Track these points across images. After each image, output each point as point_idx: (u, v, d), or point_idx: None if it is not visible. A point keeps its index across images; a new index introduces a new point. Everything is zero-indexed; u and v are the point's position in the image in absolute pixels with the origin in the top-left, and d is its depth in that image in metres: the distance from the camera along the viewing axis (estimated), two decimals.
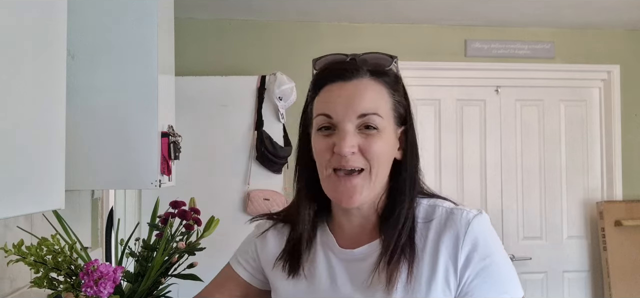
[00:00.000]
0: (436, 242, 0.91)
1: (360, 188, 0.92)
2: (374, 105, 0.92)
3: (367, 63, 0.95)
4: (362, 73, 0.94)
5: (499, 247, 0.93)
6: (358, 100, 0.91)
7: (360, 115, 0.91)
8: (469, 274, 0.89)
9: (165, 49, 1.62)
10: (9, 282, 1.34)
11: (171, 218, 1.34)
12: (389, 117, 0.94)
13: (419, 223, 0.94)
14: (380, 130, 0.92)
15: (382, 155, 0.92)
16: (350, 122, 0.91)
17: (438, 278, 0.89)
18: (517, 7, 3.22)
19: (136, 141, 1.48)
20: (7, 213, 0.73)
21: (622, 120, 3.64)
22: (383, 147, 0.92)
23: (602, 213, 3.51)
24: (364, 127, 0.91)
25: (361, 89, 0.92)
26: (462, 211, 0.93)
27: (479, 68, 3.57)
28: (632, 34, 3.65)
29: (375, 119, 0.91)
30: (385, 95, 0.94)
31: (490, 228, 0.94)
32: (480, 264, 0.89)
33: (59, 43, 0.88)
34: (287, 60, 3.35)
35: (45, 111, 0.83)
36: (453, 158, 3.61)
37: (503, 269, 0.91)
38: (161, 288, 1.33)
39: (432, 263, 0.90)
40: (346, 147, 0.90)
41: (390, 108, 0.94)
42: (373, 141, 0.91)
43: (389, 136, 0.94)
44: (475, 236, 0.90)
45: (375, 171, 0.92)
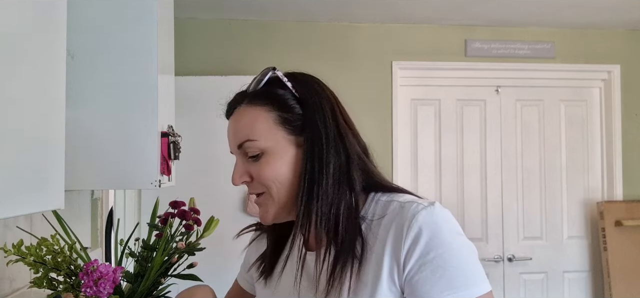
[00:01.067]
0: (383, 238, 0.87)
1: (266, 207, 0.94)
2: (247, 132, 0.91)
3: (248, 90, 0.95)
4: (241, 102, 0.94)
5: (450, 241, 0.84)
6: (234, 133, 0.94)
7: (238, 146, 0.93)
8: (411, 268, 0.83)
9: (165, 49, 1.62)
10: (8, 282, 1.34)
11: (171, 219, 1.34)
12: (273, 134, 0.91)
13: (374, 221, 0.90)
14: (263, 152, 0.91)
15: (271, 176, 0.91)
16: (237, 154, 0.94)
17: (383, 276, 0.85)
18: (517, 7, 3.22)
19: (136, 141, 1.48)
20: (7, 213, 0.73)
21: (623, 120, 3.64)
22: (271, 168, 0.91)
23: (603, 213, 3.51)
24: (248, 156, 0.92)
25: (236, 119, 0.94)
26: (413, 203, 0.87)
27: (479, 68, 3.57)
28: (632, 34, 3.65)
29: (249, 145, 0.91)
30: (262, 114, 0.91)
31: (442, 220, 0.85)
32: (423, 259, 0.82)
33: (59, 43, 0.88)
34: (287, 60, 3.35)
35: (45, 111, 0.83)
36: (453, 159, 3.61)
37: (453, 265, 0.82)
38: (161, 289, 1.32)
39: (377, 260, 0.86)
40: (235, 180, 0.93)
41: (274, 123, 0.91)
42: (258, 167, 0.91)
43: (280, 152, 0.91)
44: (420, 228, 0.83)
45: (275, 191, 0.92)
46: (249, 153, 0.92)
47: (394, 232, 0.86)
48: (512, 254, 3.58)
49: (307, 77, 0.97)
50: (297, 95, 0.93)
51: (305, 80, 0.96)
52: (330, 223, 0.89)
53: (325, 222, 0.89)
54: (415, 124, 3.60)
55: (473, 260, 0.85)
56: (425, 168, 3.59)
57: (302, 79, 0.96)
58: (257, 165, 0.92)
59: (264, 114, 0.92)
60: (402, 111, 3.54)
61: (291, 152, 0.91)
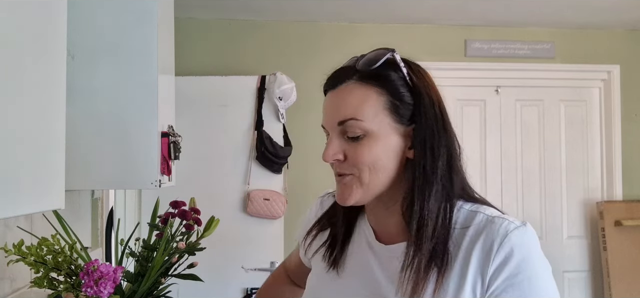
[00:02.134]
0: (469, 250, 0.84)
1: (350, 189, 0.89)
2: (353, 111, 0.87)
3: (360, 65, 0.90)
4: (350, 77, 0.90)
5: (539, 267, 0.84)
6: (337, 108, 0.89)
7: (339, 122, 0.89)
8: (497, 287, 0.81)
9: (165, 49, 1.62)
10: (9, 282, 1.34)
11: (171, 218, 1.35)
12: (380, 119, 0.87)
13: (456, 230, 0.87)
14: (367, 135, 0.87)
15: (368, 161, 0.87)
16: (333, 130, 0.90)
17: (466, 288, 0.83)
18: (517, 7, 3.22)
19: (136, 141, 1.48)
20: (7, 213, 0.73)
21: (622, 120, 3.64)
22: (369, 152, 0.87)
23: (602, 213, 3.51)
24: (347, 134, 0.88)
25: (342, 95, 0.89)
26: (503, 220, 0.85)
27: (479, 68, 3.57)
28: (632, 34, 3.65)
29: (352, 124, 0.87)
30: (373, 96, 0.87)
31: (533, 243, 0.84)
32: (511, 280, 0.81)
33: (59, 43, 0.88)
34: (287, 60, 3.35)
35: (45, 111, 0.83)
36: None
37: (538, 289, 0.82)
38: (161, 288, 1.33)
39: (461, 272, 0.84)
40: (327, 156, 0.89)
41: (382, 108, 0.87)
42: (356, 148, 0.88)
43: (384, 138, 0.87)
44: (511, 248, 0.82)
45: (366, 177, 0.88)
46: (350, 133, 0.88)
47: (482, 246, 0.83)
48: None
49: (421, 68, 0.94)
50: (411, 84, 0.89)
51: (419, 71, 0.92)
52: (434, 224, 0.86)
53: (432, 222, 0.86)
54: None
55: (554, 287, 0.85)
56: None
57: (417, 68, 0.93)
58: (355, 145, 0.88)
59: (375, 96, 0.88)
60: None
61: (394, 140, 0.88)
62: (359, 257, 0.96)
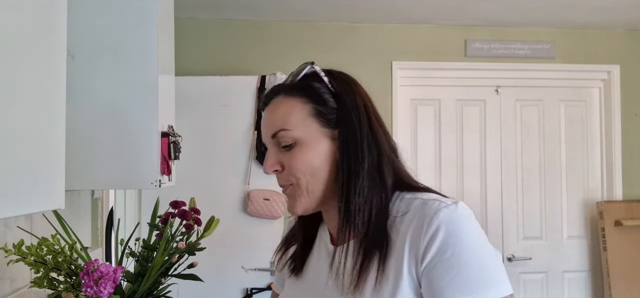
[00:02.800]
0: (405, 233, 0.88)
1: (294, 198, 0.95)
2: (281, 122, 0.94)
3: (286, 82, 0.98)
4: (277, 93, 0.97)
5: (469, 241, 0.84)
6: (268, 123, 0.96)
7: (272, 135, 0.95)
8: (427, 263, 0.84)
9: (165, 49, 1.62)
10: (9, 282, 1.34)
11: (171, 218, 1.35)
12: (307, 125, 0.93)
13: (398, 218, 0.91)
14: (296, 142, 0.93)
15: (302, 167, 0.93)
16: (269, 144, 0.96)
17: (404, 271, 0.86)
18: (517, 7, 3.22)
19: (136, 141, 1.48)
20: (7, 213, 0.73)
21: (622, 120, 3.64)
22: (302, 159, 0.93)
23: (602, 213, 3.51)
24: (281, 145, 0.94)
25: (272, 110, 0.96)
26: (435, 201, 0.88)
27: (479, 68, 3.57)
28: (632, 34, 3.65)
29: (282, 135, 0.93)
30: (298, 105, 0.94)
31: (462, 220, 0.85)
32: (440, 256, 0.83)
33: (59, 43, 0.88)
34: (287, 60, 3.35)
35: (45, 111, 0.83)
36: (453, 159, 3.62)
37: (470, 265, 0.82)
38: (161, 288, 1.33)
39: (398, 256, 0.87)
40: (266, 168, 0.96)
41: (308, 115, 0.94)
42: (290, 157, 0.93)
43: (314, 143, 0.93)
44: (438, 225, 0.84)
45: (304, 182, 0.93)
46: (282, 143, 0.94)
47: (414, 228, 0.87)
48: (512, 254, 3.58)
49: (343, 75, 1.00)
50: (333, 90, 0.96)
51: (341, 77, 0.99)
52: (364, 218, 0.91)
53: (361, 216, 0.91)
54: (415, 123, 3.60)
55: (492, 261, 0.85)
56: (425, 168, 3.59)
57: (338, 75, 0.99)
58: (289, 154, 0.94)
59: (299, 105, 0.94)
60: (402, 111, 3.54)
61: (324, 144, 0.94)
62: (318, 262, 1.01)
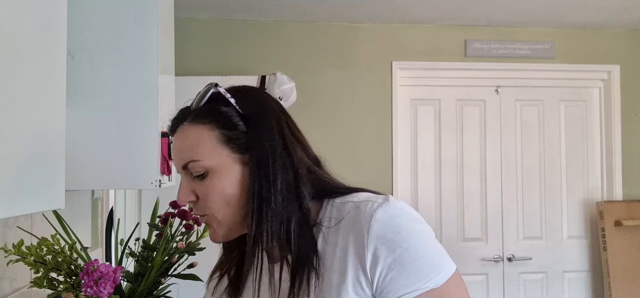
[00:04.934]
0: (345, 242, 0.85)
1: (213, 228, 0.92)
2: (190, 153, 0.89)
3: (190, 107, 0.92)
4: (184, 119, 0.91)
5: (411, 232, 0.84)
6: (178, 152, 0.91)
7: (183, 166, 0.90)
8: (381, 271, 0.82)
9: (165, 49, 1.62)
10: (9, 282, 1.34)
11: (171, 218, 1.35)
12: (217, 153, 0.88)
13: (331, 227, 0.88)
14: (208, 171, 0.88)
15: (216, 197, 0.88)
16: (181, 174, 0.91)
17: (348, 282, 0.83)
18: (517, 7, 3.22)
19: (136, 141, 1.48)
20: (7, 213, 0.73)
21: (622, 120, 3.64)
22: (214, 188, 0.88)
23: (602, 213, 3.51)
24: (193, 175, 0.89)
25: (180, 139, 0.91)
26: (368, 203, 0.86)
27: (479, 68, 3.57)
28: (632, 34, 3.65)
29: (193, 166, 0.88)
30: (205, 132, 0.88)
31: (398, 213, 0.85)
32: (391, 257, 0.82)
33: (59, 43, 0.88)
34: (287, 60, 3.35)
35: (45, 111, 0.83)
36: (453, 158, 3.62)
37: (420, 255, 0.82)
38: (161, 288, 1.33)
39: (341, 267, 0.84)
40: (180, 200, 0.91)
41: (218, 142, 0.88)
42: (204, 187, 0.89)
43: (225, 171, 0.88)
44: (380, 229, 0.82)
45: (219, 213, 0.89)
46: (194, 173, 0.89)
47: (354, 237, 0.84)
48: (512, 254, 3.58)
49: (253, 93, 0.95)
50: (242, 112, 0.90)
51: (250, 96, 0.93)
52: (282, 240, 0.87)
53: (277, 239, 0.87)
54: (415, 124, 3.60)
55: (435, 245, 0.86)
56: (425, 168, 3.59)
57: (247, 94, 0.93)
58: (202, 184, 0.89)
59: (207, 132, 0.89)
60: (402, 111, 3.54)
61: (237, 170, 0.89)
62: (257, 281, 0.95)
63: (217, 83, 0.92)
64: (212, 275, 1.04)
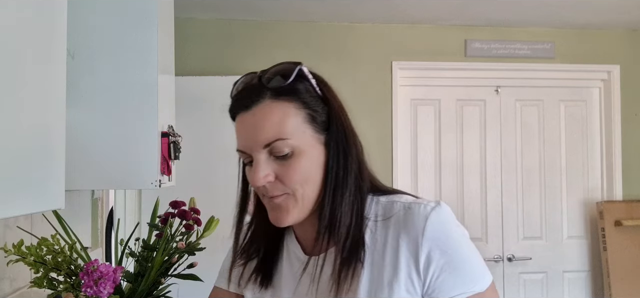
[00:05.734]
0: (396, 240, 0.87)
1: (286, 208, 0.89)
2: (277, 131, 0.85)
3: (269, 82, 0.88)
4: (263, 95, 0.87)
5: (461, 238, 0.88)
6: (259, 131, 0.86)
7: (265, 145, 0.86)
8: (433, 271, 0.85)
9: (165, 49, 1.62)
10: (9, 282, 1.34)
11: (171, 218, 1.35)
12: (302, 132, 0.87)
13: (378, 222, 0.90)
14: (295, 151, 0.86)
15: (301, 178, 0.87)
16: (260, 153, 0.87)
17: (400, 279, 0.85)
18: (517, 7, 3.22)
19: (136, 141, 1.48)
20: (7, 213, 0.73)
21: (622, 120, 3.64)
22: (300, 169, 0.86)
23: (602, 213, 3.51)
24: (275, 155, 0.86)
25: (261, 116, 0.86)
26: (420, 205, 0.88)
27: (479, 68, 3.57)
28: (632, 34, 3.65)
29: (279, 145, 0.85)
30: (292, 111, 0.87)
31: (449, 218, 0.88)
32: (443, 259, 0.85)
33: (59, 43, 0.88)
34: (287, 60, 3.34)
35: (45, 111, 0.83)
36: (453, 158, 3.62)
37: (468, 260, 0.87)
38: (161, 288, 1.33)
39: (393, 263, 0.86)
40: (258, 180, 0.86)
41: (303, 121, 0.87)
42: (287, 167, 0.86)
43: (309, 151, 0.87)
44: (435, 231, 0.86)
45: (300, 193, 0.87)
46: (277, 153, 0.86)
47: (407, 236, 0.87)
48: (512, 254, 3.58)
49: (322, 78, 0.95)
50: (319, 93, 0.90)
51: (321, 79, 0.93)
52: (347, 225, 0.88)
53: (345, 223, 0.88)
54: (415, 124, 3.60)
55: (477, 253, 0.90)
56: (425, 168, 3.59)
57: (320, 78, 0.93)
58: (284, 164, 0.86)
59: (294, 110, 0.87)
60: (402, 111, 3.54)
61: (318, 151, 0.88)
62: (289, 273, 0.96)
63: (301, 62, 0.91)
64: (233, 263, 1.01)
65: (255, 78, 0.91)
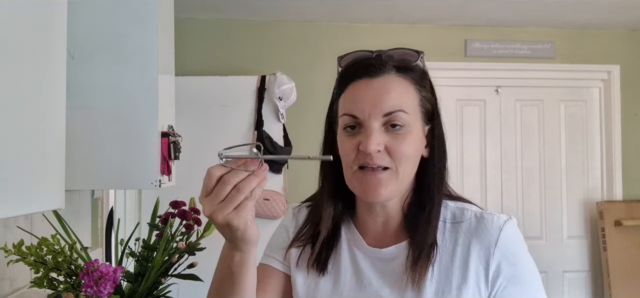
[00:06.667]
0: (467, 246, 0.90)
1: (385, 183, 0.89)
2: (400, 102, 0.89)
3: (393, 59, 0.92)
4: (389, 69, 0.91)
5: (528, 254, 0.92)
6: (384, 98, 0.89)
7: (387, 113, 0.88)
8: (501, 281, 0.88)
9: (165, 49, 1.62)
10: (9, 282, 1.34)
11: (171, 218, 1.35)
12: (415, 114, 0.91)
13: (447, 225, 0.93)
14: (407, 127, 0.89)
15: (409, 154, 0.90)
16: (376, 120, 0.88)
17: (469, 284, 0.88)
18: (517, 7, 3.22)
19: (136, 141, 1.48)
20: (7, 213, 0.73)
21: (622, 120, 3.64)
22: (410, 145, 0.89)
23: (602, 213, 3.51)
24: (390, 126, 0.88)
25: (387, 86, 0.90)
26: (493, 216, 0.92)
27: (479, 68, 3.57)
28: (632, 34, 3.65)
29: (401, 116, 0.88)
30: (412, 91, 0.91)
31: (520, 234, 0.93)
32: (511, 270, 0.89)
33: (59, 43, 0.88)
34: (287, 60, 3.35)
35: (45, 111, 0.83)
36: (453, 159, 3.61)
37: (532, 273, 0.91)
38: (161, 288, 1.33)
39: (463, 268, 0.89)
40: (372, 145, 0.87)
41: (417, 104, 0.91)
42: (400, 140, 0.89)
43: (416, 133, 0.91)
44: (506, 243, 0.89)
45: (402, 170, 0.89)
46: (395, 123, 0.88)
47: (481, 244, 0.89)
48: None
49: None
50: (430, 86, 0.95)
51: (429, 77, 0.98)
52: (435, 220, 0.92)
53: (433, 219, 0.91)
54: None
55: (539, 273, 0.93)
56: None
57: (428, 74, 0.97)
58: (395, 138, 0.89)
59: (414, 92, 0.92)
60: None
61: (421, 137, 0.93)
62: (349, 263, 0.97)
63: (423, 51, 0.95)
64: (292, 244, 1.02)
65: (374, 54, 0.95)
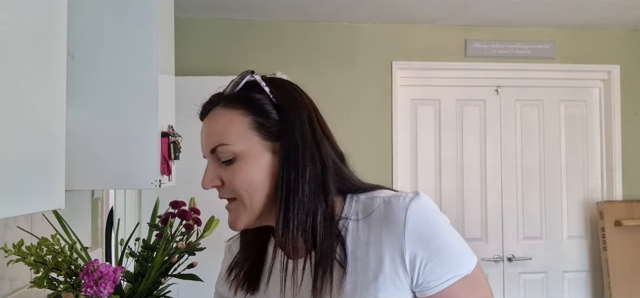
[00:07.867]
0: (379, 236, 0.88)
1: (235, 214, 0.92)
2: (220, 137, 0.90)
3: (224, 94, 0.94)
4: (216, 104, 0.93)
5: (442, 224, 0.89)
6: (206, 136, 0.92)
7: (211, 150, 0.91)
8: (420, 263, 0.86)
9: (165, 49, 1.62)
10: (9, 282, 1.34)
11: (171, 218, 1.35)
12: (247, 139, 0.89)
13: (360, 220, 0.90)
14: (239, 157, 0.89)
15: (247, 182, 0.89)
16: (208, 158, 0.92)
17: (385, 272, 0.86)
18: (517, 7, 3.22)
19: (136, 141, 1.48)
20: (7, 213, 0.73)
21: (622, 120, 3.64)
22: (245, 174, 0.89)
23: (602, 213, 3.51)
24: (220, 160, 0.91)
25: (210, 122, 0.93)
26: (399, 197, 0.89)
27: (479, 68, 3.57)
28: (632, 34, 3.65)
29: (221, 150, 0.89)
30: (238, 118, 0.90)
31: (429, 206, 0.89)
32: (429, 249, 0.86)
33: (59, 43, 0.88)
34: (287, 60, 3.35)
35: (45, 111, 0.83)
36: (453, 159, 3.62)
37: (452, 245, 0.88)
38: (161, 288, 1.33)
39: (377, 260, 0.87)
40: (204, 182, 0.92)
41: (249, 128, 0.90)
42: (231, 173, 0.90)
43: (255, 157, 0.89)
44: (416, 221, 0.86)
45: (246, 199, 0.90)
46: (222, 158, 0.90)
47: (389, 230, 0.87)
48: (512, 254, 3.58)
49: (286, 83, 0.96)
50: (275, 101, 0.92)
51: (283, 86, 0.94)
52: (307, 232, 0.89)
53: (302, 231, 0.89)
54: (415, 124, 3.60)
55: (460, 237, 0.91)
56: (425, 168, 3.59)
57: (281, 84, 0.95)
58: (229, 170, 0.90)
59: (239, 117, 0.90)
60: (402, 111, 3.54)
61: (266, 158, 0.90)
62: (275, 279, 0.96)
63: (254, 71, 0.94)
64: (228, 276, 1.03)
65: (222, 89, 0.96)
